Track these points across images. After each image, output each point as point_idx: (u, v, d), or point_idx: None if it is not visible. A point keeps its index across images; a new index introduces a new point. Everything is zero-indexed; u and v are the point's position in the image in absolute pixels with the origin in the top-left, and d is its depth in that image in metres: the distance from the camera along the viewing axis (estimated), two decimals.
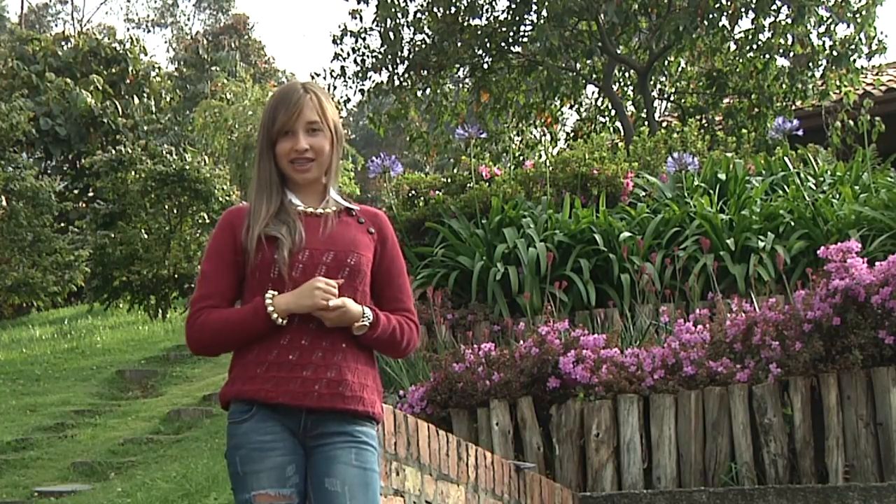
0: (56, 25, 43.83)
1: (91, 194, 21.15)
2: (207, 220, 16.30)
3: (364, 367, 2.87)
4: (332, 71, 13.62)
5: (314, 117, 2.89)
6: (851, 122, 11.85)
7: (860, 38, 12.32)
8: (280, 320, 2.78)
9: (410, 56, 13.11)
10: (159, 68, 26.60)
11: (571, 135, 14.97)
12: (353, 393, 2.82)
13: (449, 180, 8.69)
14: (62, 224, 19.62)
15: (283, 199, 2.90)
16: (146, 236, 16.25)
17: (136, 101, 23.68)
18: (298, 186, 2.94)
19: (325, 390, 2.79)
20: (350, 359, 2.84)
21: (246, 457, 2.78)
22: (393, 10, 12.99)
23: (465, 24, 12.98)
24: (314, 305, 2.77)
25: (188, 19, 45.92)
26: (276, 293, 2.80)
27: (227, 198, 16.26)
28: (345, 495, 2.76)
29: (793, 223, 7.17)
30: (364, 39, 13.42)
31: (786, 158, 8.71)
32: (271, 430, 2.79)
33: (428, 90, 13.49)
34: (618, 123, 13.81)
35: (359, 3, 13.55)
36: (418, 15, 13.14)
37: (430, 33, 13.06)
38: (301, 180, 2.91)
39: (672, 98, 14.46)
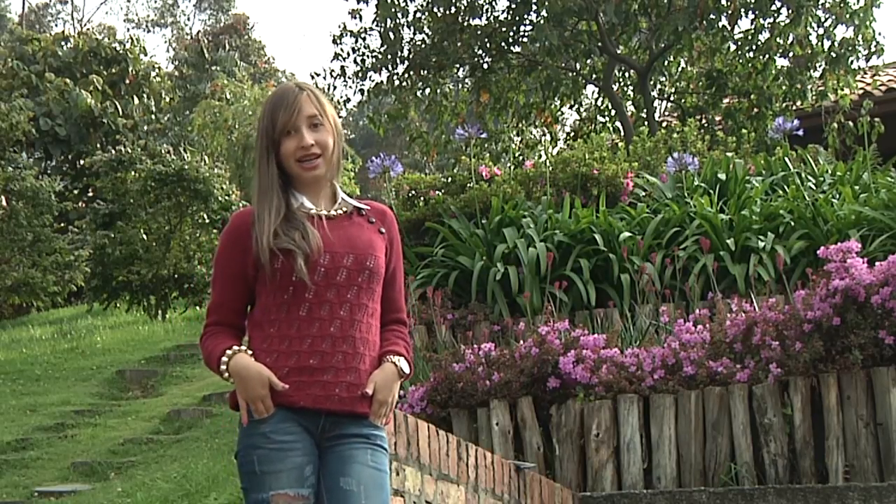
0: (56, 25, 43.85)
1: (91, 194, 21.13)
2: (207, 220, 16.28)
3: None
4: (332, 71, 13.64)
5: (314, 111, 2.87)
6: (850, 123, 11.84)
7: (857, 40, 12.32)
8: (231, 380, 2.82)
9: (410, 56, 13.10)
10: (159, 68, 26.56)
11: (571, 135, 14.96)
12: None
13: (449, 180, 8.68)
14: (62, 224, 19.57)
15: (289, 202, 2.86)
16: (146, 236, 16.23)
17: (136, 101, 23.65)
18: (308, 187, 2.91)
19: (346, 394, 2.82)
20: (368, 362, 2.87)
21: (265, 456, 2.78)
22: (393, 10, 12.98)
23: (465, 24, 12.98)
24: (246, 398, 2.80)
25: (188, 19, 45.98)
26: (240, 350, 2.82)
27: (227, 197, 16.25)
28: (360, 494, 2.78)
29: (793, 223, 7.17)
30: (364, 39, 13.43)
31: (786, 158, 8.70)
32: (291, 430, 2.80)
33: (428, 90, 13.48)
34: (618, 123, 13.81)
35: (359, 3, 13.56)
36: (418, 15, 13.13)
37: (429, 33, 13.05)
38: (310, 178, 2.88)
39: (672, 98, 14.45)
